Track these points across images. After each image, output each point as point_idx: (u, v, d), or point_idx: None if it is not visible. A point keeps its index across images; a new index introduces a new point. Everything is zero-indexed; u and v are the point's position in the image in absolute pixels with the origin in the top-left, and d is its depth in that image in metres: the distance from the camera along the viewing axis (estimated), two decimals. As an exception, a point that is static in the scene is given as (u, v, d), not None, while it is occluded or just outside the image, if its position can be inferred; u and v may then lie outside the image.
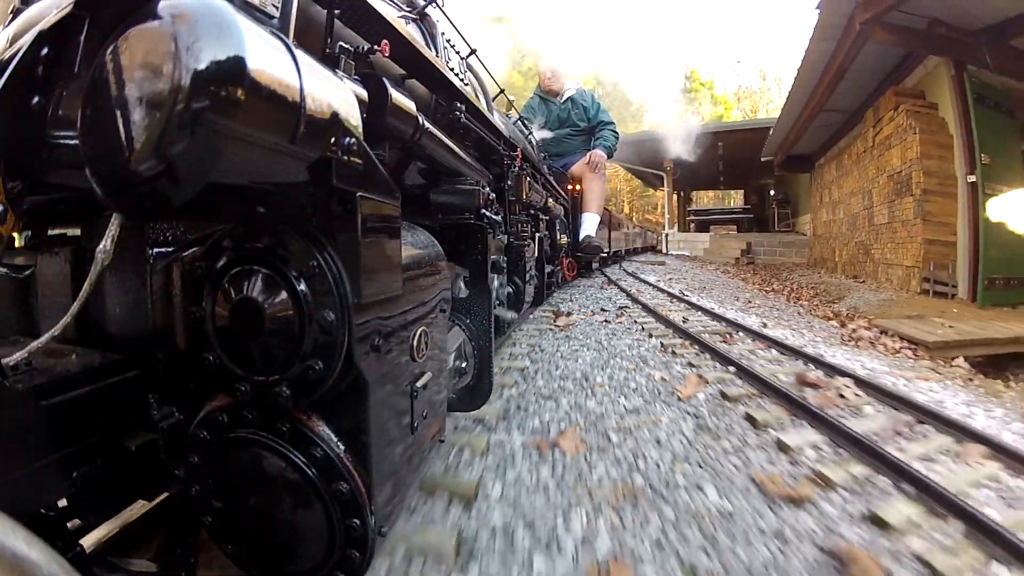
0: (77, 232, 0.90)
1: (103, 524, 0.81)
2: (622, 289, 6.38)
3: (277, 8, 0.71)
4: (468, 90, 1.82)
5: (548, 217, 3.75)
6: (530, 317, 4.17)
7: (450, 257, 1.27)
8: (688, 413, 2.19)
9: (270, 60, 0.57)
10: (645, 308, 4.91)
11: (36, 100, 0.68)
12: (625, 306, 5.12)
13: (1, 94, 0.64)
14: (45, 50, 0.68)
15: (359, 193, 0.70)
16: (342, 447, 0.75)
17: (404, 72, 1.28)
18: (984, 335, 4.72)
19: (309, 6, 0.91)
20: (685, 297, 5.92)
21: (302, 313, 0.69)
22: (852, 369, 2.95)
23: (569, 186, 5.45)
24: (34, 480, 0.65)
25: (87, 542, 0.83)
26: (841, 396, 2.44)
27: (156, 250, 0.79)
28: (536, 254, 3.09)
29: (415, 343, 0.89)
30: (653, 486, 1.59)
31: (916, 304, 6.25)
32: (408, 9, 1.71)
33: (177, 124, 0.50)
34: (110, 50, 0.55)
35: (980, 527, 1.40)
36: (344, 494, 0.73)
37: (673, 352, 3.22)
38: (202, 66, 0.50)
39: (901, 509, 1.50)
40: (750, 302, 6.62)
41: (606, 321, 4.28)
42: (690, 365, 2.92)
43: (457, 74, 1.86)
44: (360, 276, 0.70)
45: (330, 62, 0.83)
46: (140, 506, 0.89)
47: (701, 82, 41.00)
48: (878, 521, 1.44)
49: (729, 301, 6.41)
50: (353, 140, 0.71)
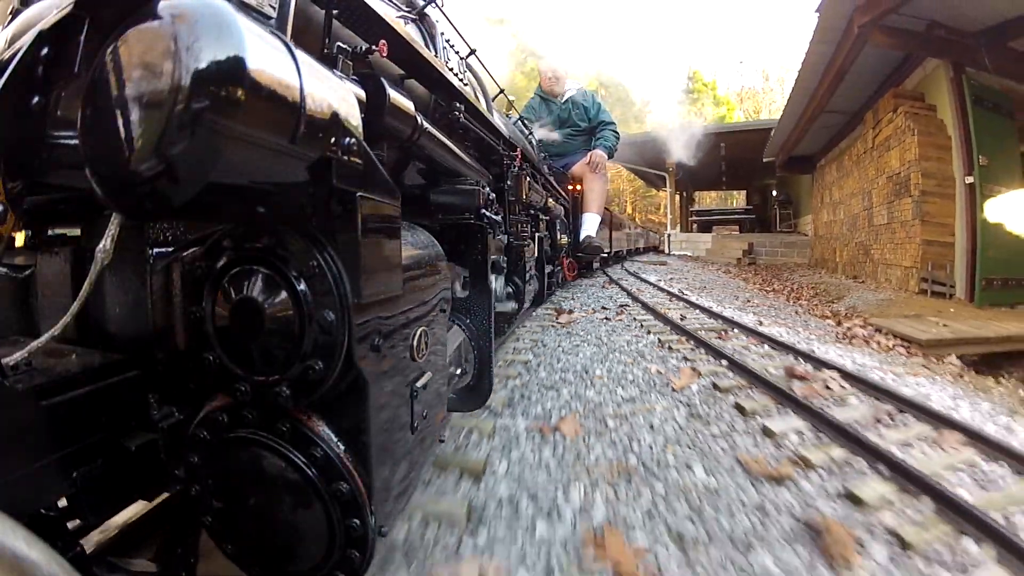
0: (77, 232, 0.90)
1: (103, 524, 0.81)
2: (623, 288, 6.44)
3: (274, 8, 0.71)
4: (467, 90, 1.82)
5: (548, 217, 3.75)
6: (533, 315, 4.24)
7: (450, 257, 1.27)
8: (681, 402, 2.28)
9: (270, 60, 0.57)
10: (645, 306, 4.99)
11: (36, 100, 0.68)
12: (625, 304, 5.19)
13: (1, 94, 0.64)
14: (45, 50, 0.68)
15: (359, 193, 0.70)
16: (342, 447, 0.75)
17: (403, 72, 1.28)
18: (978, 334, 4.73)
19: (307, 6, 0.91)
20: (684, 296, 5.97)
21: (302, 313, 0.69)
22: (842, 364, 3.00)
23: (570, 186, 5.44)
24: (34, 480, 0.65)
25: (87, 542, 0.83)
26: (827, 388, 2.53)
27: (156, 250, 0.79)
28: (536, 254, 3.09)
29: (415, 343, 0.89)
30: (646, 465, 1.70)
31: (914, 304, 6.25)
32: (407, 9, 1.71)
33: (177, 124, 0.50)
34: (110, 50, 0.55)
35: (950, 505, 1.47)
36: (344, 494, 0.73)
37: (670, 347, 3.31)
38: (202, 66, 0.50)
39: (875, 488, 1.58)
40: (749, 301, 6.64)
41: (606, 319, 4.37)
42: (685, 359, 3.02)
43: (456, 74, 1.85)
44: (360, 276, 0.70)
45: (328, 62, 0.83)
46: (140, 506, 0.89)
47: (704, 83, 41.01)
48: (853, 498, 1.53)
49: (728, 300, 6.43)
50: (353, 140, 0.71)
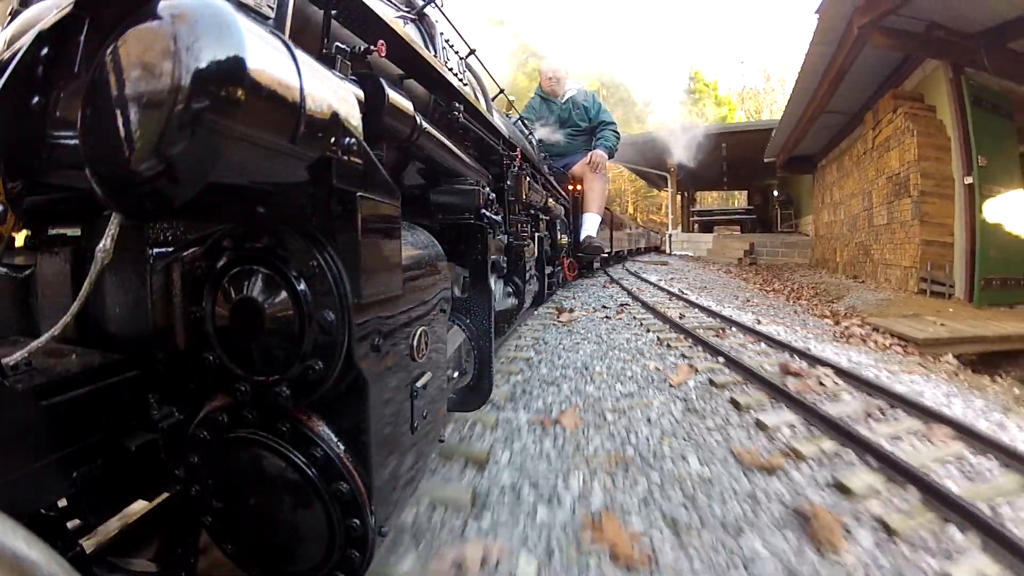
0: (77, 232, 0.90)
1: (103, 524, 0.81)
2: (623, 288, 6.48)
3: (272, 9, 0.71)
4: (467, 90, 1.82)
5: (548, 217, 3.74)
6: (534, 313, 4.30)
7: (450, 257, 1.27)
8: (678, 397, 2.34)
9: (270, 60, 0.57)
10: (645, 306, 5.04)
11: (36, 100, 0.68)
12: (626, 303, 5.24)
13: (1, 94, 0.64)
14: (45, 50, 0.68)
15: (359, 193, 0.70)
16: (342, 447, 0.75)
17: (402, 72, 1.28)
18: (975, 333, 4.73)
19: (305, 6, 0.91)
20: (684, 296, 6.01)
21: (302, 313, 0.69)
22: (837, 362, 3.03)
23: (570, 186, 5.44)
24: (34, 480, 0.65)
25: (87, 542, 0.83)
26: (820, 384, 2.59)
27: (156, 250, 0.79)
28: (536, 254, 3.09)
29: (415, 343, 0.89)
30: (642, 456, 1.76)
31: (913, 304, 6.26)
32: (406, 9, 1.71)
33: (177, 124, 0.50)
34: (110, 50, 0.55)
35: (936, 495, 1.52)
36: (344, 494, 0.73)
37: (668, 345, 3.37)
38: (202, 66, 0.50)
39: (864, 478, 1.63)
40: (748, 301, 6.66)
41: (607, 317, 4.44)
42: (683, 356, 3.08)
43: (456, 74, 1.85)
44: (360, 276, 0.70)
45: (326, 62, 0.83)
46: (140, 506, 0.89)
47: (705, 83, 40.97)
48: (842, 487, 1.58)
49: (728, 300, 6.44)
50: (353, 140, 0.71)
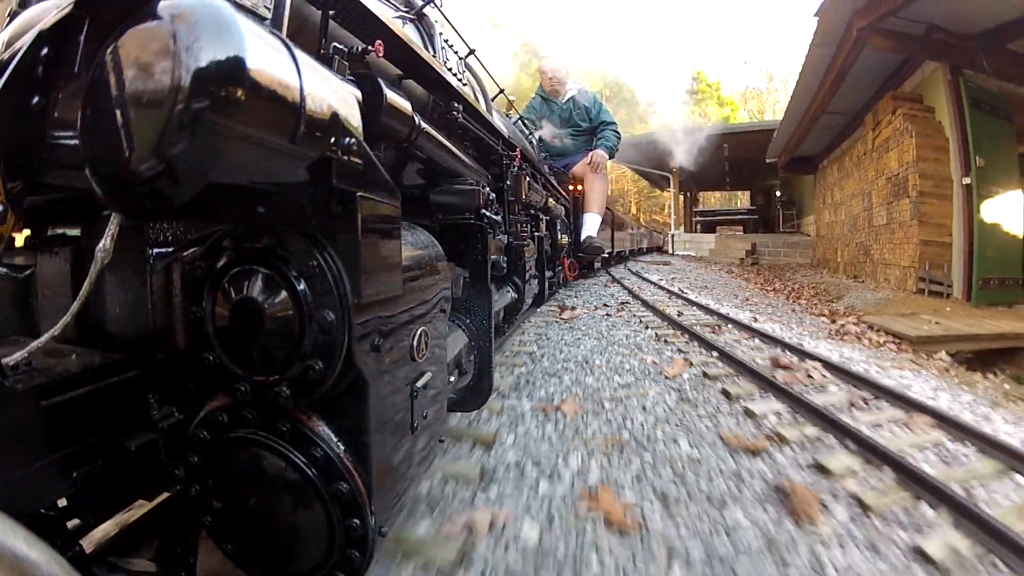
0: (77, 232, 0.90)
1: (103, 524, 0.81)
2: (624, 287, 6.58)
3: (269, 9, 0.71)
4: (466, 90, 1.82)
5: (549, 217, 3.74)
6: (537, 311, 4.39)
7: (450, 257, 1.27)
8: (672, 388, 2.48)
9: (270, 60, 0.57)
10: (645, 304, 5.16)
11: (36, 100, 0.68)
12: (626, 302, 5.34)
13: (1, 94, 0.64)
14: (45, 50, 0.68)
15: (359, 193, 0.70)
16: (342, 447, 0.75)
17: (401, 72, 1.28)
18: (969, 331, 4.73)
19: (303, 6, 0.90)
20: (684, 295, 6.08)
21: (302, 313, 0.69)
22: (827, 357, 3.09)
23: (570, 186, 5.44)
24: (34, 480, 0.65)
25: (87, 542, 0.83)
26: (809, 376, 2.70)
27: (156, 250, 0.79)
28: (536, 254, 3.09)
29: (415, 343, 0.89)
30: (637, 439, 1.89)
31: (911, 303, 6.26)
32: (405, 9, 1.71)
33: (177, 124, 0.50)
34: (110, 50, 0.55)
35: (911, 475, 1.61)
36: (344, 494, 0.73)
37: (666, 341, 3.51)
38: (202, 66, 0.50)
39: (843, 460, 1.74)
40: (748, 300, 6.69)
41: (607, 315, 4.57)
42: (679, 351, 3.22)
43: (455, 74, 1.85)
44: (360, 276, 0.70)
45: (324, 62, 0.83)
46: (140, 506, 0.89)
47: (708, 83, 40.93)
48: (821, 468, 1.69)
49: (727, 299, 6.47)
50: (353, 140, 0.71)
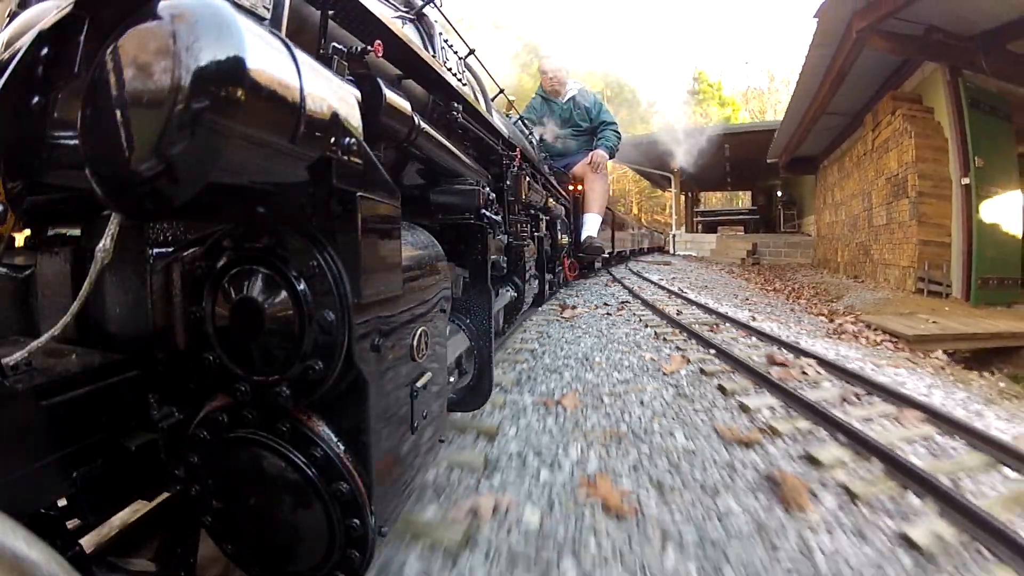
0: (77, 232, 0.90)
1: (103, 524, 0.80)
2: (625, 287, 6.63)
3: (268, 10, 0.71)
4: (466, 90, 1.82)
5: (549, 217, 3.74)
6: (539, 310, 4.44)
7: (450, 257, 1.27)
8: (670, 384, 2.55)
9: (270, 60, 0.57)
10: (644, 303, 5.21)
11: (36, 100, 0.68)
12: (626, 301, 5.39)
13: (1, 94, 0.64)
14: (45, 50, 0.68)
15: (359, 193, 0.70)
16: (342, 447, 0.75)
17: (400, 72, 1.28)
18: (965, 330, 4.74)
19: (302, 7, 0.90)
20: (684, 294, 6.12)
21: (302, 313, 0.69)
22: (823, 355, 3.12)
23: (571, 186, 5.44)
24: (34, 480, 0.65)
25: (87, 542, 0.83)
26: (803, 373, 2.75)
27: (156, 250, 0.79)
28: (536, 254, 3.09)
29: (415, 343, 0.89)
30: (635, 432, 1.95)
31: (910, 303, 6.27)
32: (405, 9, 1.71)
33: (177, 124, 0.50)
34: (110, 50, 0.55)
35: (899, 467, 1.65)
36: (344, 494, 0.73)
37: (664, 339, 3.58)
38: (202, 66, 0.50)
39: (833, 452, 1.79)
40: (747, 299, 6.72)
41: (607, 314, 4.63)
42: (677, 348, 3.28)
43: (455, 74, 1.85)
44: (360, 276, 0.70)
45: (323, 63, 0.83)
46: (140, 506, 0.89)
47: (709, 83, 40.86)
48: (812, 459, 1.74)
49: (727, 299, 6.49)
50: (353, 140, 0.71)
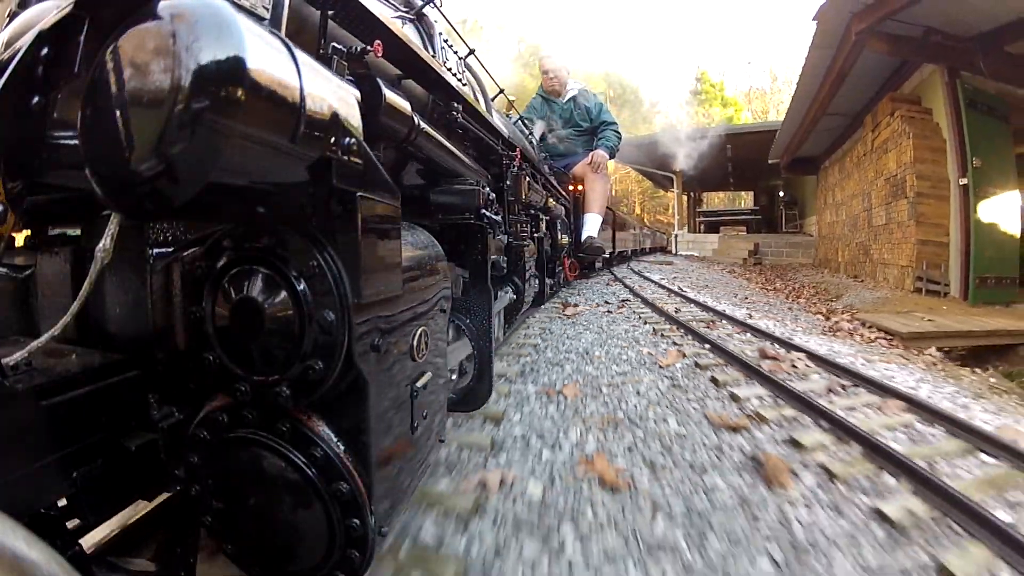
0: (77, 232, 0.90)
1: (103, 524, 0.80)
2: (626, 286, 6.70)
3: (268, 10, 0.71)
4: (466, 90, 1.82)
5: (549, 217, 3.74)
6: (542, 308, 4.53)
7: (450, 257, 1.27)
8: (665, 376, 2.70)
9: (270, 60, 0.57)
10: (644, 301, 5.30)
11: (36, 100, 0.68)
12: (627, 300, 5.47)
13: (1, 94, 0.64)
14: (45, 50, 0.68)
15: (359, 193, 0.70)
16: (342, 447, 0.75)
17: (400, 73, 1.28)
18: (960, 328, 4.75)
19: (302, 6, 0.90)
20: (684, 293, 6.18)
21: (302, 313, 0.69)
22: (815, 350, 3.19)
23: (571, 186, 5.44)
24: (34, 480, 0.65)
25: (87, 542, 0.83)
26: (793, 366, 2.86)
27: (156, 250, 0.79)
28: (536, 254, 3.09)
29: (415, 343, 0.89)
30: (630, 418, 2.10)
31: (909, 302, 6.29)
32: (405, 10, 1.71)
33: (177, 124, 0.50)
34: (110, 50, 0.55)
35: (876, 450, 1.75)
36: (344, 494, 0.73)
37: (662, 335, 3.73)
38: (202, 65, 0.50)
39: (815, 436, 1.92)
40: (746, 299, 6.76)
41: (608, 312, 4.73)
42: (674, 343, 3.42)
43: (455, 74, 1.85)
44: (360, 276, 0.70)
45: (323, 63, 0.83)
46: (140, 506, 0.89)
47: (712, 83, 40.78)
48: (795, 443, 1.86)
49: (726, 298, 6.52)
50: (353, 140, 0.71)
